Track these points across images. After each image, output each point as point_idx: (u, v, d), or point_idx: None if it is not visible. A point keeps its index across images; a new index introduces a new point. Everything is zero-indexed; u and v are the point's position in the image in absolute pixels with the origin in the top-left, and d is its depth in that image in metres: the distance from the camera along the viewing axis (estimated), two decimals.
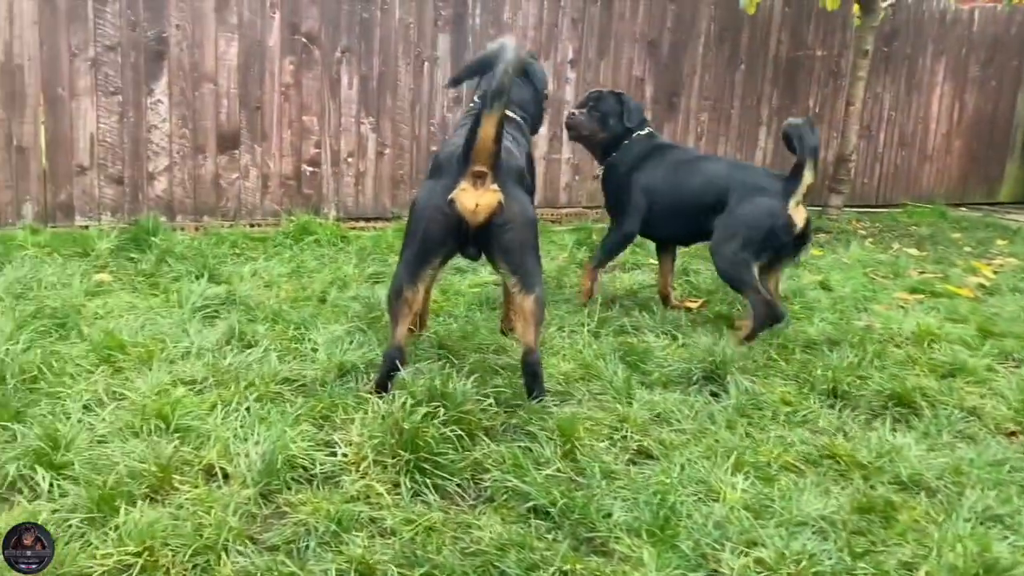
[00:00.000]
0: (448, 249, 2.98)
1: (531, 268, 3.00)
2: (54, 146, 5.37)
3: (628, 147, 4.45)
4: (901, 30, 8.48)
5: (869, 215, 8.23)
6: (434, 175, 3.09)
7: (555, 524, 2.30)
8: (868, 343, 3.92)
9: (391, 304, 3.00)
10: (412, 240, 2.99)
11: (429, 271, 2.97)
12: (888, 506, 2.47)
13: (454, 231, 2.92)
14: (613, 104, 4.47)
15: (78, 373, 3.04)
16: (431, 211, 2.93)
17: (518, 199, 3.01)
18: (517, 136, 3.57)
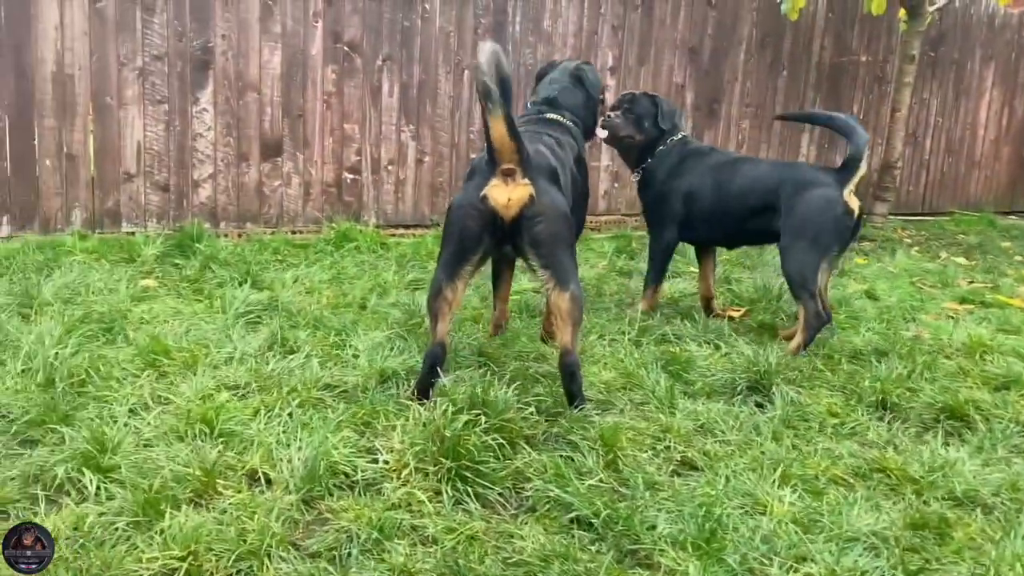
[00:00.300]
0: (485, 246, 3.01)
1: (564, 262, 3.01)
2: (102, 154, 5.47)
3: (664, 153, 4.39)
4: (948, 34, 8.31)
5: (915, 223, 8.07)
6: (469, 178, 3.18)
7: (598, 535, 2.27)
8: (917, 354, 3.83)
9: (431, 303, 3.03)
10: (449, 239, 3.05)
11: (467, 268, 3.01)
12: (942, 522, 2.40)
13: (489, 226, 2.97)
14: (647, 106, 4.42)
15: (124, 377, 3.08)
16: (466, 208, 3.00)
17: (549, 193, 3.05)
18: (562, 139, 3.59)
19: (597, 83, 4.02)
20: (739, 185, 4.21)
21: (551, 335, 3.57)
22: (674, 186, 4.33)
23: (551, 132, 3.59)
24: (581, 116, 3.88)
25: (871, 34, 7.99)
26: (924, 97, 8.34)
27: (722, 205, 4.24)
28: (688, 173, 4.33)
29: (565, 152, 3.53)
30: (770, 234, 4.17)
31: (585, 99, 3.89)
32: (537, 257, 2.98)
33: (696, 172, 4.32)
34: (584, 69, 3.97)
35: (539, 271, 3.01)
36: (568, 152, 3.58)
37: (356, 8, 6.01)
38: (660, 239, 4.42)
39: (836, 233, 3.95)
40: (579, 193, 3.71)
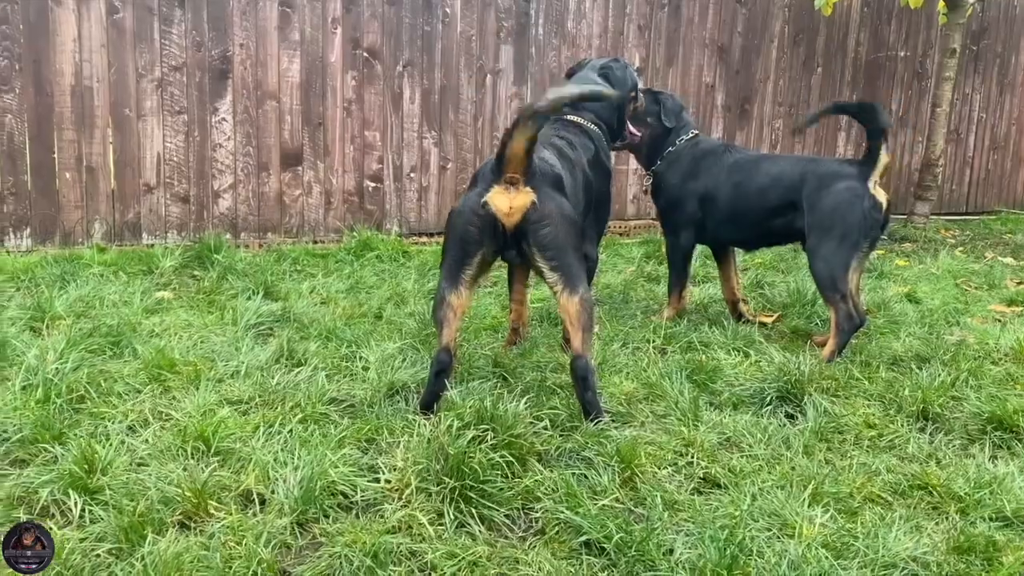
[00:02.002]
0: (485, 250, 2.94)
1: (572, 265, 2.92)
2: (122, 166, 5.44)
3: (675, 154, 4.21)
4: (991, 27, 8.00)
5: (959, 223, 7.76)
6: (472, 184, 3.10)
7: (610, 561, 2.10)
8: (962, 360, 3.60)
9: (435, 310, 2.96)
10: (450, 244, 2.98)
11: (469, 273, 2.93)
12: (990, 545, 2.19)
13: (489, 232, 2.90)
14: (649, 104, 4.25)
15: (126, 392, 2.99)
16: (466, 214, 2.93)
17: (554, 199, 2.96)
18: (576, 140, 3.48)
19: (625, 81, 3.89)
20: (758, 184, 4.03)
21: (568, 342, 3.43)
22: (689, 188, 4.15)
23: (565, 134, 3.47)
24: (605, 117, 3.77)
25: (909, 28, 7.71)
26: (966, 92, 8.03)
27: (741, 205, 4.05)
28: (703, 174, 4.15)
29: (577, 154, 3.42)
30: (792, 234, 3.98)
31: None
32: (544, 260, 2.89)
33: (711, 173, 4.14)
34: (611, 67, 3.85)
35: (547, 275, 2.90)
36: (581, 154, 3.46)
37: (375, 14, 5.93)
38: (677, 243, 4.24)
39: (864, 229, 3.74)
40: (596, 195, 3.57)
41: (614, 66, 3.87)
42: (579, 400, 2.90)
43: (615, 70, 3.85)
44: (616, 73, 3.84)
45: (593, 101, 3.56)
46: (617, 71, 3.86)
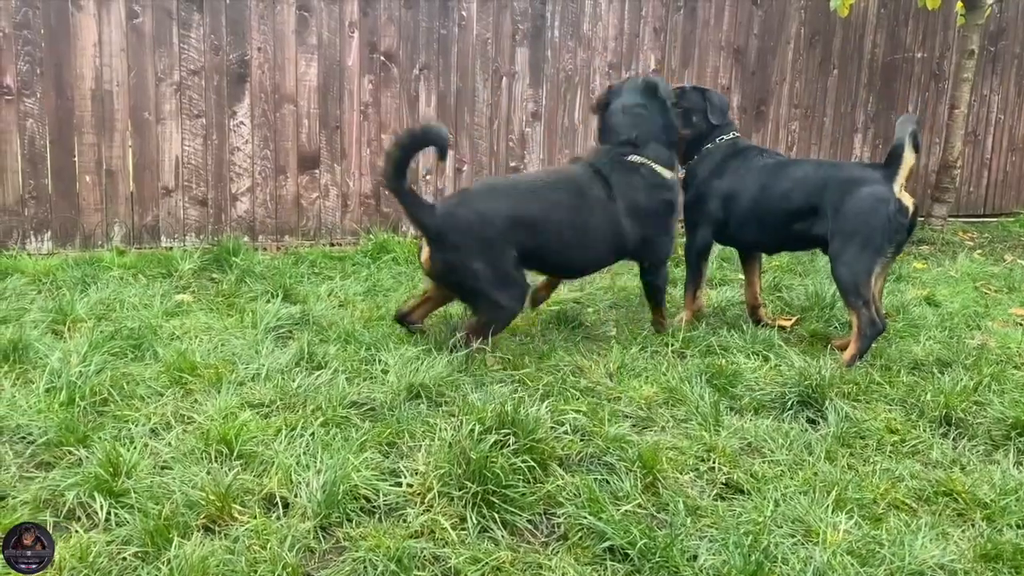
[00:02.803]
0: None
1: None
2: (141, 169, 5.48)
3: (709, 152, 4.20)
4: (1009, 28, 7.93)
5: (977, 225, 7.69)
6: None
7: (634, 567, 2.10)
8: (984, 364, 3.57)
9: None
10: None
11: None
12: (1018, 553, 2.17)
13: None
14: (697, 99, 4.23)
15: (148, 395, 3.01)
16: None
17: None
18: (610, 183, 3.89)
19: (670, 95, 4.06)
20: (781, 187, 4.01)
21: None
22: (714, 185, 4.14)
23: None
24: (665, 142, 3.99)
25: (927, 29, 7.66)
26: (984, 94, 7.96)
27: (763, 207, 4.03)
28: (730, 173, 4.13)
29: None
30: (812, 239, 3.96)
31: (664, 121, 3.99)
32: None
33: (739, 173, 4.12)
34: (655, 84, 4.03)
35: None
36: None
37: (392, 17, 5.94)
38: (694, 241, 4.23)
39: (889, 234, 3.72)
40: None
41: (657, 82, 4.06)
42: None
43: (660, 87, 4.03)
44: (661, 90, 4.02)
45: None
46: (661, 87, 4.03)
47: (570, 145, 6.61)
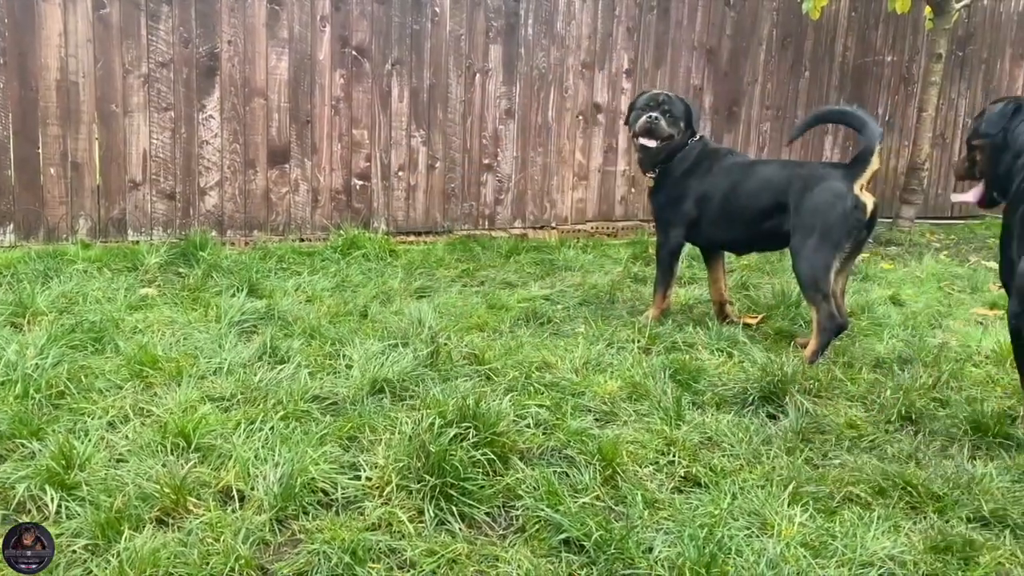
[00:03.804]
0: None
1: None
2: (107, 162, 5.41)
3: (684, 154, 4.24)
4: (977, 33, 8.05)
5: (944, 227, 7.80)
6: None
7: (590, 559, 2.11)
8: (943, 362, 3.62)
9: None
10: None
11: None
12: (967, 545, 2.20)
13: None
14: (681, 107, 4.28)
15: (107, 388, 2.97)
16: None
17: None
18: None
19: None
20: (750, 186, 4.05)
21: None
22: (689, 187, 4.17)
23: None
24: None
25: (896, 33, 7.76)
26: (952, 97, 8.08)
27: (734, 206, 4.07)
28: (704, 174, 4.18)
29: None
30: (783, 236, 4.00)
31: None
32: None
33: (711, 173, 4.17)
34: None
35: None
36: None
37: (364, 12, 5.92)
38: (667, 241, 4.26)
39: (846, 229, 3.76)
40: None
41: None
42: None
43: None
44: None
45: None
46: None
47: (544, 143, 6.62)
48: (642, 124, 4.22)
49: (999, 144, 3.19)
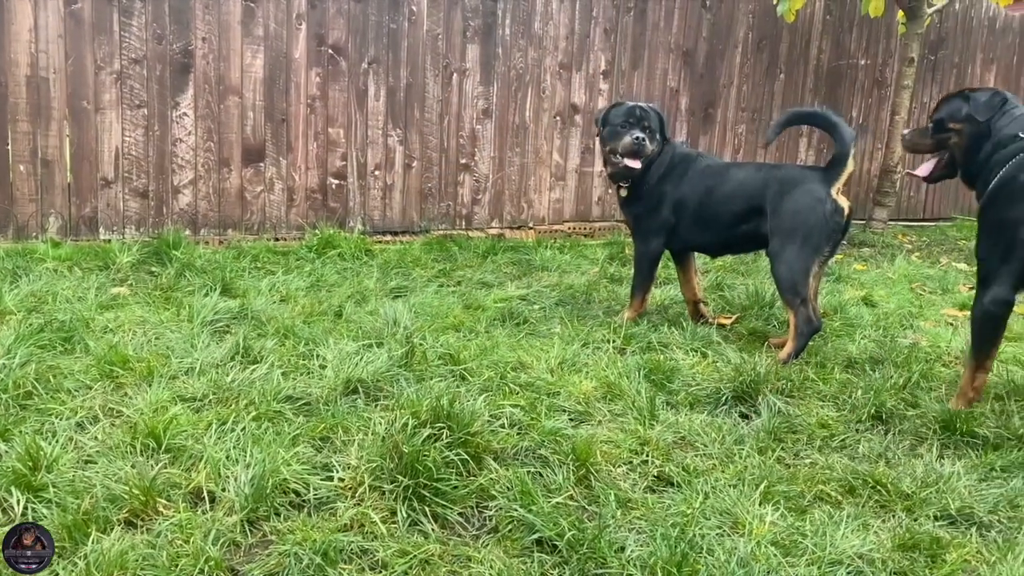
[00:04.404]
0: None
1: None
2: (79, 159, 5.34)
3: (659, 162, 4.25)
4: (948, 37, 8.16)
5: (916, 229, 7.90)
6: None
7: (562, 558, 2.11)
8: (914, 362, 3.66)
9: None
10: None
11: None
12: (934, 543, 2.23)
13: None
14: (656, 119, 4.27)
15: (76, 389, 2.93)
16: None
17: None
18: None
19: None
20: (726, 189, 4.07)
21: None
22: (665, 194, 4.18)
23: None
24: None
25: (870, 37, 7.84)
26: (924, 101, 8.18)
27: (711, 210, 4.09)
28: (679, 179, 4.18)
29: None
30: (758, 239, 4.02)
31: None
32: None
33: (687, 178, 4.18)
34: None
35: None
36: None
37: (340, 10, 5.89)
38: (647, 249, 4.27)
39: (825, 233, 3.80)
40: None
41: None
42: None
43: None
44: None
45: None
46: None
47: (521, 144, 6.62)
48: (627, 145, 4.11)
49: (983, 132, 3.24)
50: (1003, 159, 3.16)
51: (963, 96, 3.38)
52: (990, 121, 3.25)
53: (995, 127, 3.23)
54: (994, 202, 3.15)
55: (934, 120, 3.47)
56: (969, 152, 3.31)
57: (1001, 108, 3.25)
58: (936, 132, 3.45)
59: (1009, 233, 3.05)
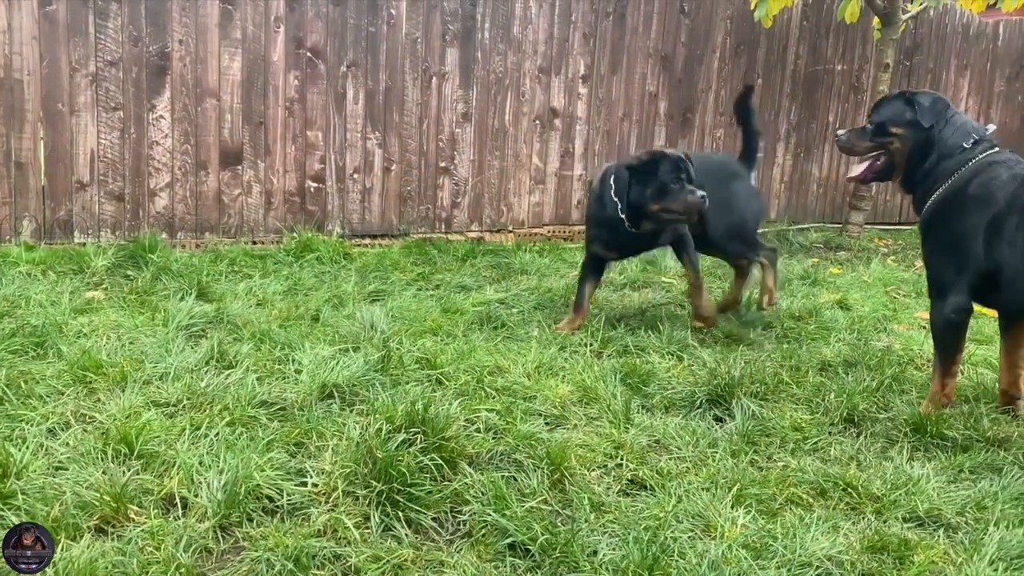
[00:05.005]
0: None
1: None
2: (53, 162, 5.30)
3: None
4: (923, 44, 8.26)
5: (892, 233, 7.98)
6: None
7: (535, 562, 2.12)
8: (887, 365, 3.71)
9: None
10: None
11: None
12: (902, 545, 2.26)
13: None
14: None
15: (47, 394, 2.91)
16: None
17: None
18: None
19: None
20: None
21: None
22: None
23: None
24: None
25: (846, 42, 7.92)
26: None
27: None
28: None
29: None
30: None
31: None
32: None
33: None
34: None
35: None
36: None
37: (319, 13, 5.88)
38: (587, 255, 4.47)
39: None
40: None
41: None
42: None
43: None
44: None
45: None
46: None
47: (501, 147, 6.63)
48: (693, 204, 3.95)
49: (928, 139, 3.23)
50: (949, 170, 3.18)
51: (905, 99, 3.34)
52: (934, 129, 3.24)
53: (940, 135, 3.22)
54: (944, 213, 3.17)
55: (875, 123, 3.45)
56: (912, 159, 3.29)
57: (945, 115, 3.24)
58: (877, 135, 3.43)
59: (963, 244, 3.08)
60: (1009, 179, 3.02)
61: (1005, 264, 2.98)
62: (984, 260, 3.04)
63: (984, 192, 3.05)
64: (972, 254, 3.06)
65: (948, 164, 3.18)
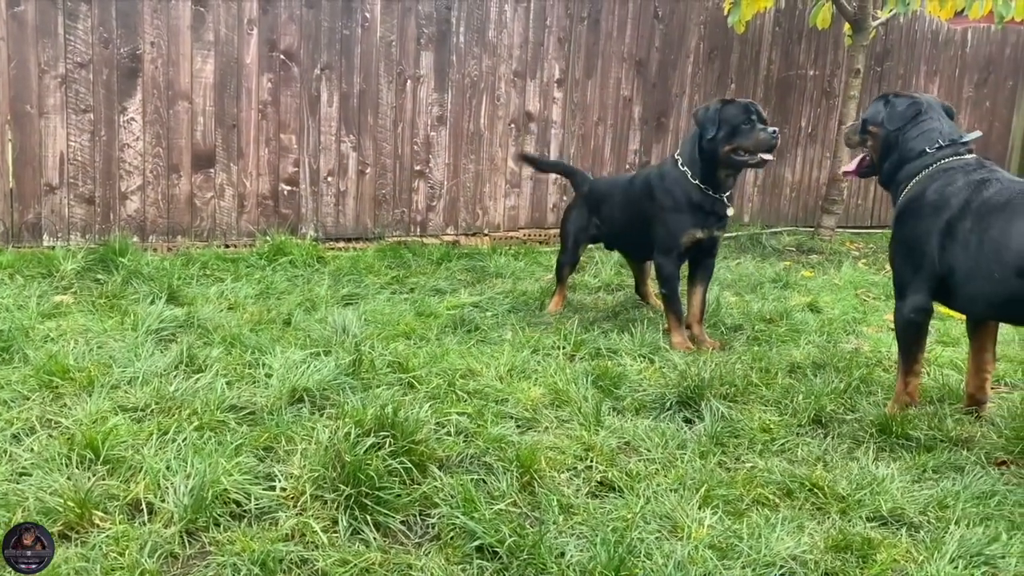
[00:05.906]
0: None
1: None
2: (21, 164, 5.23)
3: None
4: (893, 50, 8.37)
5: (864, 236, 8.08)
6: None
7: (503, 564, 2.12)
8: (855, 367, 3.75)
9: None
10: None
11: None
12: (865, 544, 2.29)
13: None
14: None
15: (12, 399, 2.88)
16: None
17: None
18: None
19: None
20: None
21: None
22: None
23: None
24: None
25: (818, 48, 8.01)
26: None
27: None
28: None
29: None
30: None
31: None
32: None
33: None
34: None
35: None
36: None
37: (293, 16, 5.86)
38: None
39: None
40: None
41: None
42: None
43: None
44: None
45: None
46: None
47: (476, 151, 6.64)
48: (765, 140, 4.11)
49: (892, 142, 3.33)
50: (910, 173, 3.26)
51: (886, 100, 3.45)
52: (900, 131, 3.32)
53: (904, 138, 3.30)
54: (904, 216, 3.25)
55: (861, 120, 3.57)
56: (881, 158, 3.42)
57: (914, 119, 3.31)
58: (861, 132, 3.54)
59: (920, 247, 3.15)
60: (964, 185, 3.09)
61: (958, 267, 3.04)
62: (939, 263, 3.10)
63: (940, 197, 3.12)
64: (928, 256, 3.12)
65: (908, 168, 3.26)
